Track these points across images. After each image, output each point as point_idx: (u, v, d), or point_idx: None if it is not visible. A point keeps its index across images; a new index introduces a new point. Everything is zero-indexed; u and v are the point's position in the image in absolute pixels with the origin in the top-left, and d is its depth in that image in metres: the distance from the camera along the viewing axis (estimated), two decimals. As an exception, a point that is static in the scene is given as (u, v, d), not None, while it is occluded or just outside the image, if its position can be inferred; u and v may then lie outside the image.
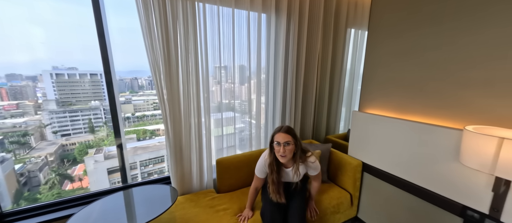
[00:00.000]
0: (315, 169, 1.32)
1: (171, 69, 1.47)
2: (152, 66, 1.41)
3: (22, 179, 5.39)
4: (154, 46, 1.38)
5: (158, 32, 1.37)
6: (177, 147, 1.60)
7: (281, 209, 1.31)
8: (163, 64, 1.42)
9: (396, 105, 1.48)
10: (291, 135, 1.18)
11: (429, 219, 1.31)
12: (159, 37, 1.38)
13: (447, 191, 1.20)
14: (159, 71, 1.43)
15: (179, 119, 1.58)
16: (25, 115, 5.93)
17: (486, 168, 0.87)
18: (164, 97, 1.48)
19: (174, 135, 1.56)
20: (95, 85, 7.06)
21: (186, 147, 1.64)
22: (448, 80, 1.20)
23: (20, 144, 5.61)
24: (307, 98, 2.16)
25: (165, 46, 1.41)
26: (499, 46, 1.01)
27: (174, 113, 1.54)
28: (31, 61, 4.53)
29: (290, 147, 1.17)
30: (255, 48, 1.83)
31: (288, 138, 1.16)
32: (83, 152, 6.35)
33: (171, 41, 1.43)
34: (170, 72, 1.47)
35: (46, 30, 4.39)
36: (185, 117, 1.59)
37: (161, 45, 1.39)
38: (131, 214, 1.20)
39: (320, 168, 1.36)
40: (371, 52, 1.62)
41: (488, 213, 1.05)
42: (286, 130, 1.19)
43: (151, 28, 1.35)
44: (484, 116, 1.08)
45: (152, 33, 1.35)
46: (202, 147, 1.71)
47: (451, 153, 1.15)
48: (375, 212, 1.67)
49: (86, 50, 4.46)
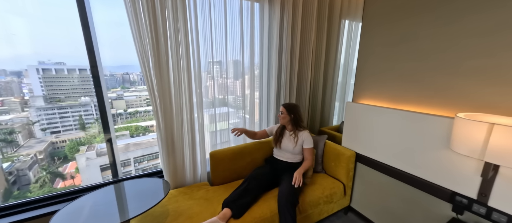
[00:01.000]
0: (308, 142, 1.65)
1: (161, 58, 1.42)
2: (140, 55, 1.36)
3: (11, 178, 5.23)
4: (142, 34, 1.32)
5: (146, 20, 1.32)
6: (169, 140, 1.57)
7: (266, 179, 1.56)
8: (151, 53, 1.37)
9: (389, 96, 1.49)
10: (285, 108, 1.68)
11: (420, 205, 1.34)
12: (146, 25, 1.32)
13: (437, 178, 1.22)
14: (148, 60, 1.38)
15: (171, 112, 1.54)
16: (11, 112, 5.71)
17: (476, 153, 0.88)
18: (154, 87, 1.44)
19: (165, 128, 1.53)
20: (84, 80, 6.84)
21: (179, 141, 1.61)
22: (440, 69, 1.21)
23: (6, 142, 5.41)
24: (301, 91, 2.15)
25: (154, 34, 1.36)
26: (490, 33, 1.02)
27: (165, 105, 1.50)
28: (15, 56, 4.32)
29: (283, 115, 1.68)
30: (248, 40, 1.79)
31: (282, 109, 1.69)
32: (74, 149, 6.20)
33: (159, 29, 1.38)
34: (160, 62, 1.42)
35: (29, 22, 4.17)
36: (176, 110, 1.55)
37: (149, 33, 1.34)
38: (122, 207, 1.17)
39: (315, 156, 1.66)
40: (365, 42, 1.61)
41: (476, 198, 1.08)
42: (284, 105, 1.71)
43: (138, 15, 1.29)
44: (475, 104, 1.10)
45: (139, 21, 1.30)
46: (195, 140, 1.68)
47: (442, 141, 1.16)
48: (367, 201, 1.70)
49: (72, 43, 4.28)
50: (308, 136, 1.67)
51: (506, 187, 0.98)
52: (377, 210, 1.64)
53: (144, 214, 1.24)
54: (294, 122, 1.67)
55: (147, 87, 1.44)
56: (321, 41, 2.11)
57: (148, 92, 1.45)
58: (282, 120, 1.69)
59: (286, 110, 1.67)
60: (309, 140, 1.66)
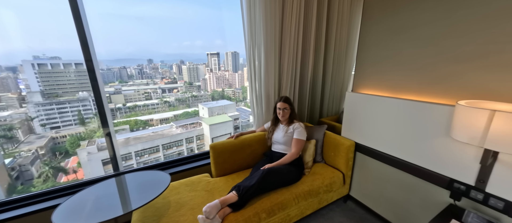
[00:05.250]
0: (299, 133, 1.65)
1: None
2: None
3: (13, 173, 5.28)
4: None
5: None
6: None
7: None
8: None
9: (390, 85, 1.47)
10: (288, 104, 1.69)
11: (418, 193, 1.36)
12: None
13: (435, 165, 1.23)
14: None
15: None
16: (9, 108, 5.72)
17: (476, 141, 0.88)
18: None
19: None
20: (81, 75, 6.81)
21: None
22: (443, 55, 1.18)
23: (7, 138, 5.45)
24: (303, 81, 2.12)
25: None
26: (494, 18, 0.99)
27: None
28: (8, 51, 4.25)
29: (286, 111, 1.68)
30: (248, 28, 1.72)
31: (285, 105, 1.69)
32: (75, 144, 6.24)
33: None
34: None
35: (20, 15, 4.07)
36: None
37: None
38: (124, 199, 1.18)
39: (315, 147, 1.75)
40: (365, 30, 1.57)
41: (474, 185, 1.09)
42: (285, 100, 1.70)
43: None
44: (476, 91, 1.08)
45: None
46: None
47: (442, 129, 1.16)
48: (366, 189, 1.73)
49: (66, 37, 4.20)
50: (299, 126, 1.68)
51: (504, 173, 0.99)
52: (375, 198, 1.67)
53: (146, 206, 1.25)
54: (290, 116, 1.70)
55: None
56: (321, 28, 2.05)
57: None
58: (285, 115, 1.68)
59: (288, 105, 1.68)
60: (299, 130, 1.66)
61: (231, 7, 24.16)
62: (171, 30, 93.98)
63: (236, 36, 2.70)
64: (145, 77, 20.64)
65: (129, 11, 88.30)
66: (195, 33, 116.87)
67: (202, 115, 13.79)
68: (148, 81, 19.54)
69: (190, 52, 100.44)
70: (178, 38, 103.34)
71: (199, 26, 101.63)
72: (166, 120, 13.83)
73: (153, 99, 16.52)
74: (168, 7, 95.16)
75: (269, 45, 1.80)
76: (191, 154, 2.02)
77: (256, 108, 1.98)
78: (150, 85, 18.58)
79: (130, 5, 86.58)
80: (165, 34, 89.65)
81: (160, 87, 19.75)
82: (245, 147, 1.77)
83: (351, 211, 1.79)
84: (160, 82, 21.61)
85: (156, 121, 13.55)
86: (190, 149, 10.90)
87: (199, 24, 47.55)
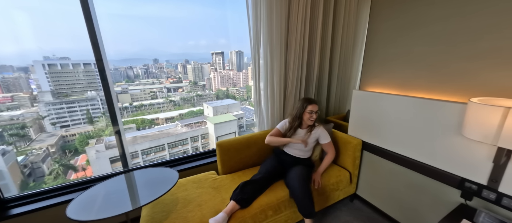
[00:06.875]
0: (324, 137, 1.61)
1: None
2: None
3: (26, 170, 5.45)
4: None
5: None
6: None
7: (269, 179, 1.49)
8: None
9: (399, 83, 1.45)
10: (317, 106, 1.59)
11: (427, 192, 1.34)
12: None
13: (446, 165, 1.21)
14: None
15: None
16: (22, 108, 5.89)
17: (489, 139, 0.86)
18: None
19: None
20: (89, 75, 6.94)
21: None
22: (454, 52, 1.16)
23: (19, 137, 5.62)
24: (309, 80, 2.10)
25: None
26: (507, 13, 0.96)
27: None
28: (20, 51, 4.40)
29: (317, 114, 1.59)
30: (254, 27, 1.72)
31: (317, 108, 1.58)
32: (84, 142, 6.38)
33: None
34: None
35: (32, 17, 4.20)
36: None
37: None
38: (133, 195, 1.21)
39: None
40: (373, 28, 1.55)
41: (486, 184, 1.06)
42: (316, 101, 1.60)
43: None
44: (489, 89, 1.06)
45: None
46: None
47: (453, 128, 1.14)
48: (373, 188, 1.71)
49: (76, 38, 4.31)
50: (323, 131, 1.61)
51: (518, 173, 0.96)
52: (383, 198, 1.65)
53: (155, 202, 1.28)
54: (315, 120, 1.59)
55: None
56: (327, 26, 2.03)
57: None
58: (314, 118, 1.56)
59: (318, 108, 1.57)
60: (324, 134, 1.60)
61: (235, 6, 24.22)
62: (176, 30, 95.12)
63: (240, 35, 2.71)
64: (150, 76, 20.97)
65: (135, 11, 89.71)
66: (199, 33, 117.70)
67: (207, 114, 13.90)
68: (153, 80, 19.86)
69: (195, 52, 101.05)
70: (183, 37, 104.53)
71: (203, 26, 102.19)
72: (171, 119, 14.03)
73: (158, 98, 16.96)
74: (173, 7, 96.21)
75: (274, 44, 1.79)
76: (197, 152, 2.04)
77: (260, 108, 1.98)
78: (155, 85, 18.95)
79: (136, 6, 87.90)
80: (170, 34, 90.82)
81: (166, 87, 20.09)
82: (251, 145, 1.77)
83: (358, 210, 1.78)
84: (165, 82, 21.93)
85: (162, 120, 13.75)
86: (195, 148, 11.02)
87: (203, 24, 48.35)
